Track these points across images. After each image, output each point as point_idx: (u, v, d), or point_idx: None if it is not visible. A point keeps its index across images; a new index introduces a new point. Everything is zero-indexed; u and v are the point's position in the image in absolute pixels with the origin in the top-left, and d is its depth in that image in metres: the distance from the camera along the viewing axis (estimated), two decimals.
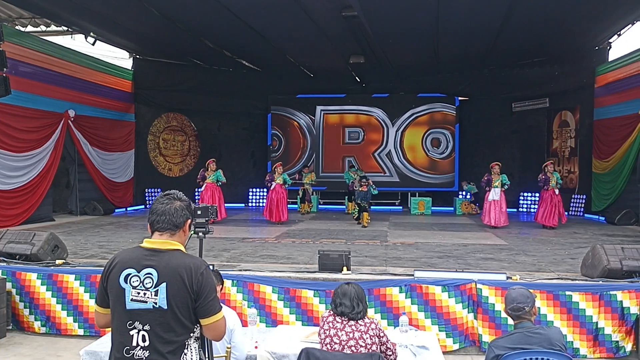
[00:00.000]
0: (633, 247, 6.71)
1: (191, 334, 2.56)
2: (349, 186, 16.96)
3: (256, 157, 20.87)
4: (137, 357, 2.49)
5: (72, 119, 14.70)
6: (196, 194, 17.73)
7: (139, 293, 2.48)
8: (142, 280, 2.48)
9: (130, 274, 2.50)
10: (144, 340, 2.49)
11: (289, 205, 14.67)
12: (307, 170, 17.05)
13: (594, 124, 16.23)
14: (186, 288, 2.49)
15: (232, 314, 3.88)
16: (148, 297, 2.47)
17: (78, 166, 15.41)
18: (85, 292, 6.72)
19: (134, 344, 2.49)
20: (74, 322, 6.73)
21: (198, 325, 2.59)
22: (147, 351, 2.49)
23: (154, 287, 2.47)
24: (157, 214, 2.61)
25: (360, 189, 13.82)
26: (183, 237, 2.66)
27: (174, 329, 2.50)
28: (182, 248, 2.62)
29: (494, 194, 13.50)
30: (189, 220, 2.69)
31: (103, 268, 2.63)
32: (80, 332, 6.72)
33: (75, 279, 6.79)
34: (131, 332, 2.50)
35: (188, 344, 2.56)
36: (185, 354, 2.54)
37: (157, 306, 2.47)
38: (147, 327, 2.48)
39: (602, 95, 15.91)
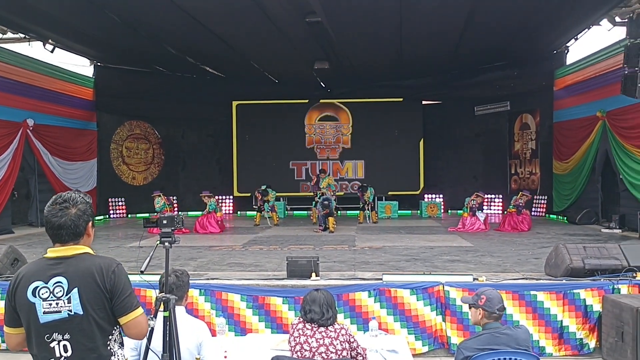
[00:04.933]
0: (594, 245, 6.88)
1: (110, 337, 2.50)
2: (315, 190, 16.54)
3: (222, 164, 20.71)
4: None
5: (31, 128, 14.34)
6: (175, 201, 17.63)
7: (50, 304, 2.40)
8: (51, 290, 2.41)
9: (37, 286, 2.41)
10: (65, 350, 2.42)
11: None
12: (323, 175, 16.31)
13: (554, 126, 16.65)
14: (100, 289, 2.43)
15: (202, 325, 3.81)
16: (61, 306, 2.40)
17: (38, 176, 15.05)
18: None
19: (57, 355, 2.42)
20: None
21: (117, 327, 2.53)
22: None
23: (66, 295, 2.40)
24: (53, 228, 2.48)
25: (322, 212, 13.87)
26: (88, 240, 2.57)
27: (95, 334, 2.44)
28: (90, 250, 2.54)
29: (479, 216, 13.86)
30: (90, 223, 2.57)
31: (8, 287, 2.51)
32: None
33: None
34: (52, 345, 2.42)
35: (113, 351, 2.51)
36: None
37: (73, 313, 2.41)
38: (67, 337, 2.42)
39: (561, 97, 16.34)
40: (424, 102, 20.06)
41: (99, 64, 17.97)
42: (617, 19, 12.79)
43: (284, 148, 19.95)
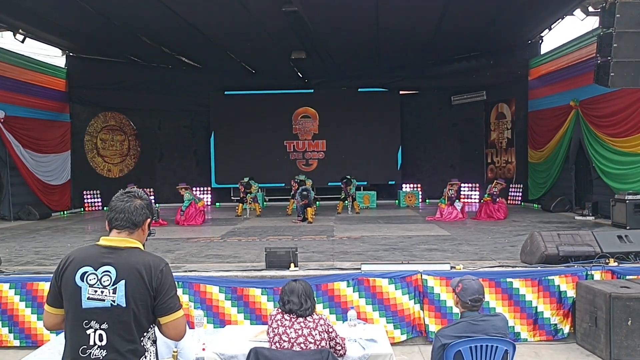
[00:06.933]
0: (568, 233, 6.99)
1: (145, 334, 2.51)
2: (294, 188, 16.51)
3: (199, 155, 20.55)
4: (94, 356, 2.43)
5: (2, 120, 14.04)
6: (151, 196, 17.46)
7: (96, 291, 2.42)
8: (99, 278, 2.43)
9: (87, 272, 2.44)
10: (100, 339, 2.43)
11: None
12: (303, 185, 16.29)
13: (529, 115, 16.86)
14: (145, 285, 2.45)
15: None
16: (106, 295, 2.42)
17: (10, 169, 14.73)
18: (21, 301, 6.41)
19: (91, 342, 2.43)
20: (9, 332, 6.41)
21: (153, 325, 2.55)
22: (105, 350, 2.43)
23: (112, 285, 2.42)
24: (115, 211, 2.56)
25: (301, 203, 13.88)
26: (142, 236, 2.62)
27: (132, 328, 2.45)
28: (141, 246, 2.58)
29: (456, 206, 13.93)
30: (149, 220, 2.65)
31: (56, 267, 2.54)
32: (17, 343, 6.41)
33: (10, 288, 6.46)
34: (87, 332, 2.43)
35: (146, 347, 2.52)
36: (145, 357, 2.51)
37: (116, 304, 2.42)
38: (104, 326, 2.43)
39: (536, 87, 16.53)
40: (401, 92, 20.11)
41: (71, 54, 17.65)
42: (590, 9, 12.94)
43: (262, 139, 19.83)
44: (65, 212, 16.72)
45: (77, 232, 12.44)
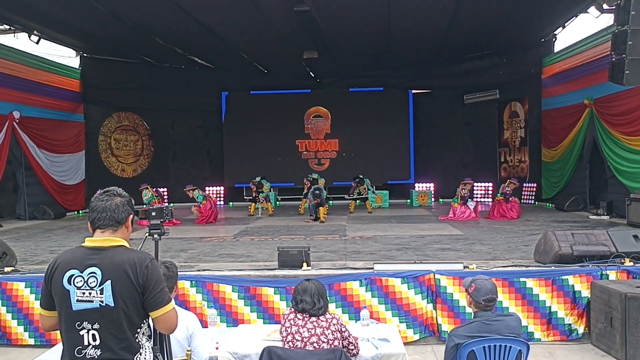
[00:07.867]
0: (582, 232, 6.93)
1: (138, 330, 2.54)
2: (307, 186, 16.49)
3: (212, 155, 20.62)
4: (89, 356, 2.48)
5: (17, 121, 14.19)
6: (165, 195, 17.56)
7: (84, 293, 2.46)
8: (85, 280, 2.46)
9: (73, 275, 2.48)
10: (94, 339, 2.47)
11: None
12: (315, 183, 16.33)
13: (542, 114, 16.72)
14: (132, 283, 2.48)
15: (192, 317, 3.81)
16: (94, 297, 2.46)
17: (25, 169, 14.89)
18: (36, 299, 6.47)
19: (85, 343, 2.48)
20: (24, 331, 6.49)
21: (146, 320, 2.58)
22: (99, 350, 2.48)
23: (99, 286, 2.45)
24: (97, 211, 2.59)
25: (314, 202, 13.89)
26: (126, 233, 2.65)
27: (124, 325, 2.49)
28: (126, 244, 2.61)
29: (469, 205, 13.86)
30: (131, 216, 2.68)
31: (46, 271, 2.58)
32: (32, 341, 6.48)
33: (25, 287, 6.54)
34: (81, 332, 2.48)
35: (141, 343, 2.55)
36: (140, 354, 2.53)
37: (104, 304, 2.45)
38: (96, 326, 2.47)
39: (549, 85, 16.39)
40: (413, 91, 20.05)
41: (85, 55, 17.78)
42: (605, 6, 12.82)
43: (274, 139, 19.85)
44: (80, 212, 16.86)
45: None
